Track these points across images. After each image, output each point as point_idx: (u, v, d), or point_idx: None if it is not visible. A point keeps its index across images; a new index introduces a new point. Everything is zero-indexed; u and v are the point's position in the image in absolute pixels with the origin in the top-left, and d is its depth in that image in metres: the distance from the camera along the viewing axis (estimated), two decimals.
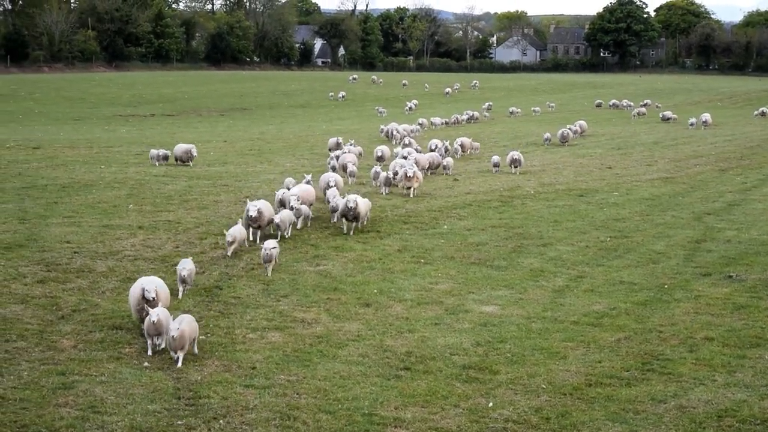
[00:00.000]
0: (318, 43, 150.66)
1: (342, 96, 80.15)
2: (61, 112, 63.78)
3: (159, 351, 12.65)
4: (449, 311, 15.12)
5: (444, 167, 30.98)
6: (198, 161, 32.45)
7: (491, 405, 11.17)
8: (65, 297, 15.15)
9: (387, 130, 42.44)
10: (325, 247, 19.45)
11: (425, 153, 31.97)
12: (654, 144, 42.38)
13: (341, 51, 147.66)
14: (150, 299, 12.94)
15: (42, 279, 16.12)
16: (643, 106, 67.25)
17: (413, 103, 67.37)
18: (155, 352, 12.58)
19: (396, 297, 15.86)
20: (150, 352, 12.56)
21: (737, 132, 49.30)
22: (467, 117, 56.59)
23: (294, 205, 20.72)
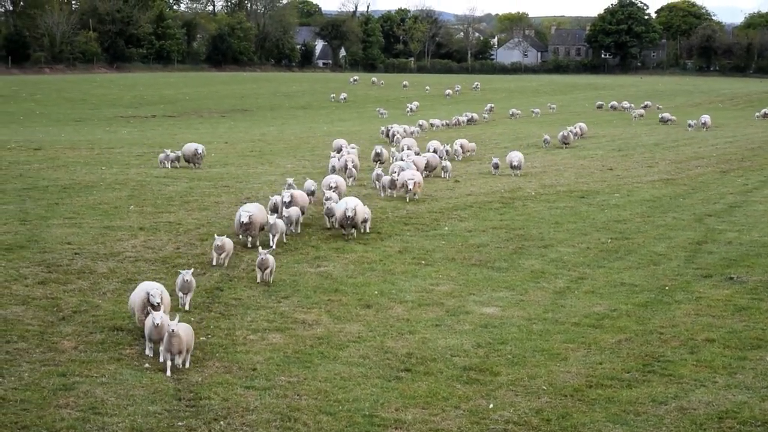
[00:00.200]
0: (319, 45, 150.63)
1: (343, 97, 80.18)
2: (63, 113, 63.78)
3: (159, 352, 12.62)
4: (450, 313, 15.13)
5: (443, 169, 30.70)
6: (203, 162, 32.04)
7: (492, 406, 11.18)
8: (66, 298, 15.15)
9: (387, 131, 42.42)
10: (326, 249, 19.45)
11: (424, 154, 31.71)
12: (655, 145, 42.34)
13: (342, 52, 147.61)
14: (155, 304, 12.94)
15: (43, 280, 16.12)
16: (644, 107, 67.20)
17: (414, 105, 67.37)
18: (155, 353, 12.56)
19: (397, 298, 15.87)
20: (150, 353, 12.56)
21: (738, 134, 49.21)
22: (467, 118, 56.56)
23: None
